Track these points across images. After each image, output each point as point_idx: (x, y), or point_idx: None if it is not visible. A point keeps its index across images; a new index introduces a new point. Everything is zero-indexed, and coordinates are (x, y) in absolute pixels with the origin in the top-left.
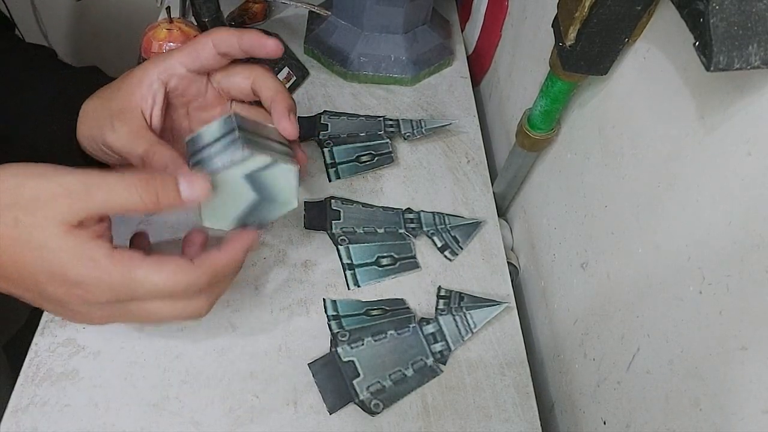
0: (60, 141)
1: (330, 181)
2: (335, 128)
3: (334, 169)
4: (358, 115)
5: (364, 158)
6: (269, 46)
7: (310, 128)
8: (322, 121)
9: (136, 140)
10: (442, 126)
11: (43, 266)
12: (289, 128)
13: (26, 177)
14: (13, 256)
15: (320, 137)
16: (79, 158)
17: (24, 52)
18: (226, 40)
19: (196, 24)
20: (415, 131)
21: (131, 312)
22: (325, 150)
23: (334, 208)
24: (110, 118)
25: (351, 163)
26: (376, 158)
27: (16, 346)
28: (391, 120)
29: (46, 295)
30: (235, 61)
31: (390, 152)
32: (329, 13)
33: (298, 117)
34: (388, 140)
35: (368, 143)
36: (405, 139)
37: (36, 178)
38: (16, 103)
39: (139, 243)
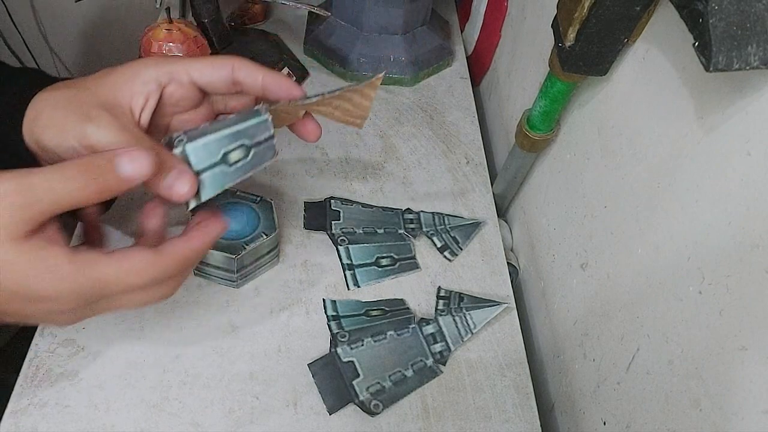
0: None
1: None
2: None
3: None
4: None
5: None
6: (294, 91)
7: None
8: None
9: (123, 135)
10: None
11: (1, 286)
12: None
13: None
14: None
15: None
16: (21, 160)
17: None
18: (250, 72)
19: (195, 24)
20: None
21: (102, 308)
22: None
23: (334, 208)
24: (88, 112)
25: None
26: None
27: (16, 346)
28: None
29: (10, 311)
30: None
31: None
32: (329, 13)
33: None
34: None
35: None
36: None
37: None
38: None
39: (93, 236)
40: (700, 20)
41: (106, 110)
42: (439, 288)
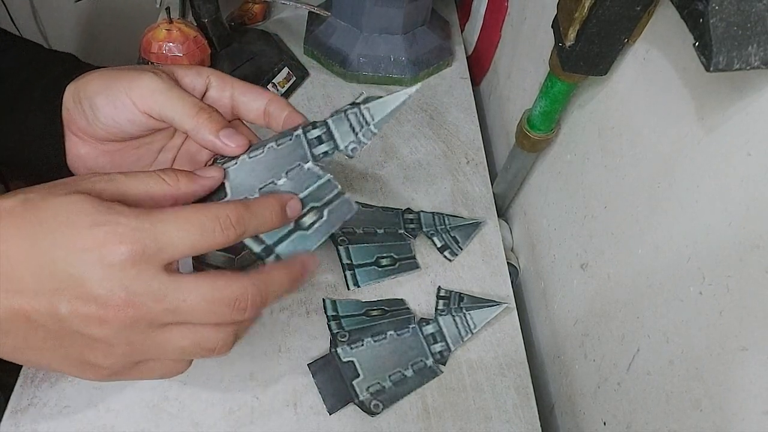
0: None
1: None
2: None
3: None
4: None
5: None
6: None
7: None
8: None
9: (172, 86)
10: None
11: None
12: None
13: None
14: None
15: None
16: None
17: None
18: (280, 106)
19: (195, 24)
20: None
21: (151, 344)
22: None
23: None
24: (141, 69)
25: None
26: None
27: None
28: None
29: (58, 315)
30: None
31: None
32: (329, 13)
33: None
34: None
35: None
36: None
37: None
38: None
39: None
40: (701, 20)
41: (161, 72)
42: (439, 288)
